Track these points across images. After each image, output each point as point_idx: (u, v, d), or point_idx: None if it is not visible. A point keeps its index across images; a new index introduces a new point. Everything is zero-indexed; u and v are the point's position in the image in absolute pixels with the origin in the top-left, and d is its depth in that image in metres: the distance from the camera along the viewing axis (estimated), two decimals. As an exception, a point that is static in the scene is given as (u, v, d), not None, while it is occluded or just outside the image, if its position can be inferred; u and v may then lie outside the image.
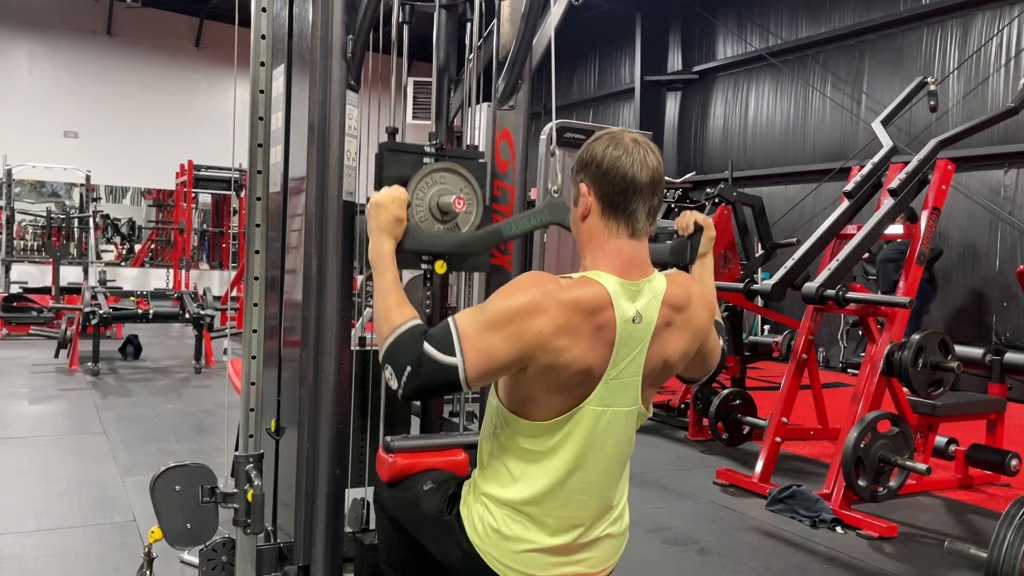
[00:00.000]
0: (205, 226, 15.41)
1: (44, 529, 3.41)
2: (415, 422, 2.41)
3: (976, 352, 4.60)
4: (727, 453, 5.18)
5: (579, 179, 1.62)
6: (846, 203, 4.55)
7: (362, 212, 2.04)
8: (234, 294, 11.00)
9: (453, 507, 1.68)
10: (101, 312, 6.97)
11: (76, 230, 12.81)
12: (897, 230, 4.71)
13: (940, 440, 4.49)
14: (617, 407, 1.58)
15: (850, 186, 4.56)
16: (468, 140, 2.39)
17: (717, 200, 5.98)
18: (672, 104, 12.73)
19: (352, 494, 2.29)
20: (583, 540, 1.63)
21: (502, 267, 2.34)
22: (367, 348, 2.35)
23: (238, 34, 2.17)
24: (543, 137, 5.01)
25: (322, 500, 2.09)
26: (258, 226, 2.04)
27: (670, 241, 1.97)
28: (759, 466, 4.37)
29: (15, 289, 9.77)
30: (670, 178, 8.97)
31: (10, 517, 3.53)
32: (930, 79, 4.97)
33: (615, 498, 1.68)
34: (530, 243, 2.41)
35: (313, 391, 2.07)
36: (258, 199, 2.03)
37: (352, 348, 2.25)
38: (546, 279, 1.53)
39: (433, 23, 2.32)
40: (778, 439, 4.42)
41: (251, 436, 2.05)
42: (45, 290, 9.76)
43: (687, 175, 10.50)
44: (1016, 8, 8.13)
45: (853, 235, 4.41)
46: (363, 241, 2.09)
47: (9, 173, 10.64)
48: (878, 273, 7.99)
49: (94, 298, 7.27)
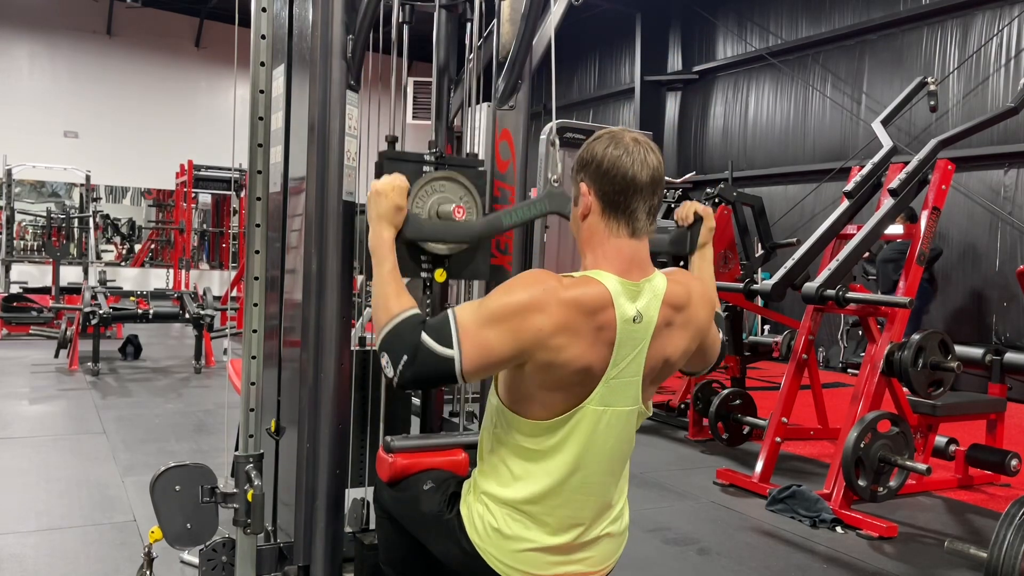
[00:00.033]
0: (205, 226, 15.41)
1: (44, 529, 3.41)
2: (415, 422, 2.41)
3: (976, 352, 4.60)
4: (727, 453, 5.18)
5: (579, 178, 1.62)
6: (846, 203, 4.55)
7: (362, 212, 2.04)
8: (234, 294, 11.00)
9: (453, 506, 1.68)
10: (101, 312, 6.97)
11: (76, 230, 12.81)
12: (897, 230, 4.71)
13: (940, 440, 4.49)
14: (618, 407, 1.57)
15: (850, 186, 4.56)
16: (468, 140, 2.39)
17: (717, 200, 5.98)
18: (672, 104, 12.73)
19: (352, 494, 2.29)
20: (583, 539, 1.63)
21: (502, 267, 2.34)
22: (367, 348, 2.35)
23: (238, 34, 2.17)
24: (543, 137, 5.01)
25: (322, 500, 2.08)
26: (258, 226, 2.04)
27: (669, 233, 1.97)
28: (759, 466, 4.37)
29: (15, 289, 9.77)
30: (670, 178, 8.97)
31: (10, 517, 3.53)
32: (930, 79, 4.97)
33: (615, 497, 1.68)
34: (530, 243, 2.41)
35: (313, 391, 2.07)
36: (258, 199, 2.03)
37: (352, 348, 2.25)
38: (547, 277, 1.53)
39: (433, 23, 2.32)
40: (778, 439, 4.42)
41: (251, 436, 2.05)
42: (45, 290, 9.76)
43: (687, 175, 10.50)
44: (1016, 8, 8.14)
45: (853, 235, 4.41)
46: (363, 241, 2.09)
47: (9, 173, 10.65)
48: (878, 273, 7.99)
49: (94, 298, 7.27)
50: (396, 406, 2.37)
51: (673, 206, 7.83)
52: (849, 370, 8.73)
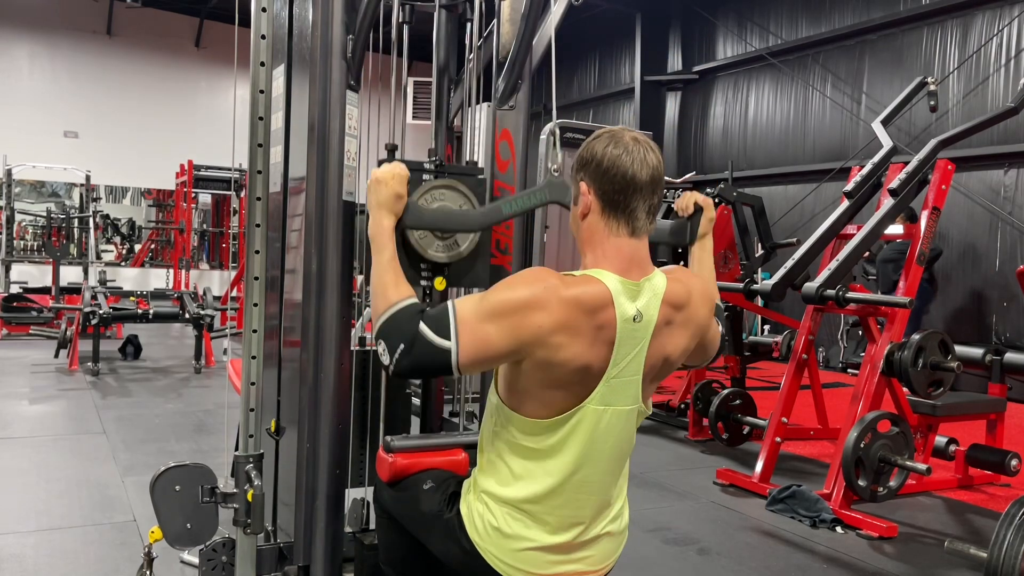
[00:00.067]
0: (205, 226, 15.41)
1: (44, 529, 3.41)
2: (415, 422, 2.41)
3: (976, 352, 4.60)
4: (727, 453, 5.18)
5: (579, 178, 1.62)
6: (846, 203, 4.55)
7: (362, 212, 2.04)
8: (234, 294, 11.01)
9: (453, 506, 1.68)
10: (101, 312, 6.97)
11: (76, 230, 12.81)
12: (897, 230, 4.71)
13: (940, 440, 4.49)
14: (618, 406, 1.58)
15: (850, 186, 4.56)
16: (468, 140, 2.39)
17: (717, 200, 5.97)
18: (672, 104, 12.73)
19: (352, 494, 2.29)
20: (583, 538, 1.63)
21: (502, 267, 2.34)
22: (367, 348, 2.35)
23: (238, 34, 2.17)
24: (543, 137, 5.01)
25: (322, 500, 2.09)
26: (258, 226, 2.04)
27: (669, 223, 1.97)
28: (759, 466, 4.37)
29: (15, 289, 9.77)
30: (670, 178, 8.96)
31: (10, 517, 3.53)
32: (930, 79, 4.97)
33: (614, 496, 1.68)
34: (530, 242, 2.41)
35: (313, 391, 2.07)
36: (258, 199, 2.03)
37: (352, 348, 2.26)
38: (549, 275, 1.53)
39: (433, 23, 2.32)
40: (778, 439, 4.42)
41: (251, 436, 2.05)
42: (45, 290, 9.76)
43: (687, 175, 10.49)
44: (1016, 8, 8.14)
45: (853, 235, 4.41)
46: (363, 241, 2.09)
47: (9, 173, 10.65)
48: (878, 273, 7.99)
49: (94, 298, 7.27)
50: (396, 406, 2.37)
51: (673, 206, 7.81)
52: (849, 370, 8.73)
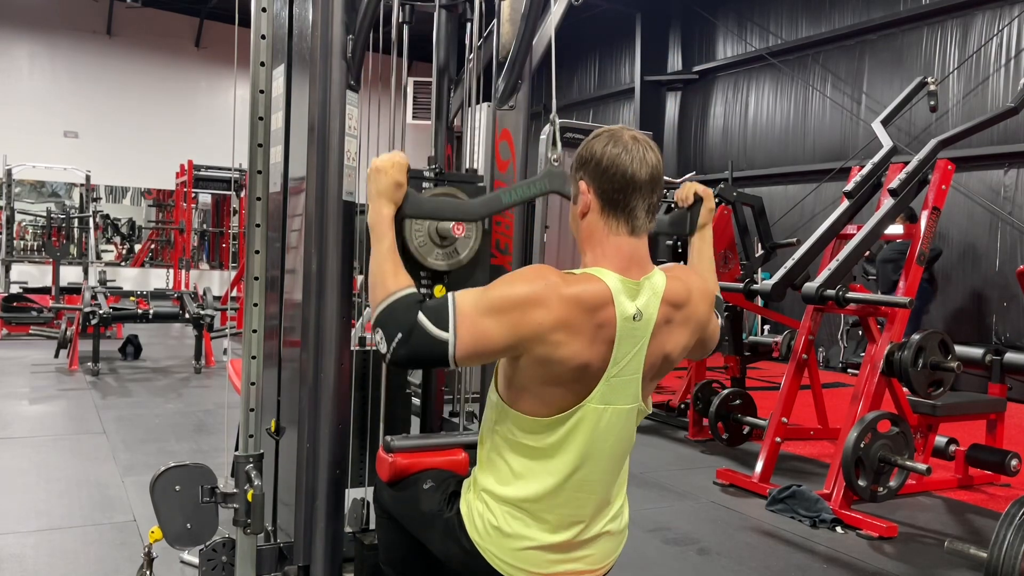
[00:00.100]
0: (205, 226, 15.41)
1: (44, 529, 3.41)
2: (415, 422, 2.41)
3: (976, 352, 4.60)
4: (727, 453, 5.18)
5: (578, 177, 1.63)
6: (846, 203, 4.55)
7: (362, 212, 2.03)
8: (234, 294, 11.00)
9: (453, 505, 1.68)
10: (101, 312, 6.97)
11: (76, 230, 12.81)
12: (897, 230, 4.71)
13: (940, 440, 4.49)
14: (618, 404, 1.58)
15: (850, 186, 4.56)
16: (468, 140, 2.39)
17: (717, 200, 5.97)
18: (672, 104, 12.73)
19: (352, 494, 2.29)
20: (583, 537, 1.63)
21: (502, 267, 2.34)
22: (367, 348, 2.35)
23: (238, 34, 2.17)
24: (543, 137, 5.01)
25: (322, 500, 2.09)
26: (258, 226, 2.04)
27: (668, 213, 1.97)
28: (759, 466, 4.37)
29: (15, 289, 9.76)
30: (670, 178, 8.96)
31: (10, 517, 3.53)
32: (930, 79, 4.97)
33: (614, 494, 1.68)
34: (530, 242, 2.41)
35: (313, 391, 2.07)
36: (258, 199, 2.03)
37: (352, 348, 2.26)
38: (550, 272, 1.53)
39: (433, 23, 2.32)
40: (778, 439, 4.42)
41: (251, 436, 2.05)
42: (45, 290, 9.76)
43: (687, 175, 10.49)
44: (1016, 8, 8.14)
45: (853, 235, 4.41)
46: (363, 241, 2.08)
47: (9, 173, 10.64)
48: (878, 273, 7.99)
49: (94, 298, 7.27)
50: (396, 406, 2.37)
51: (672, 205, 7.82)
52: (849, 370, 8.73)
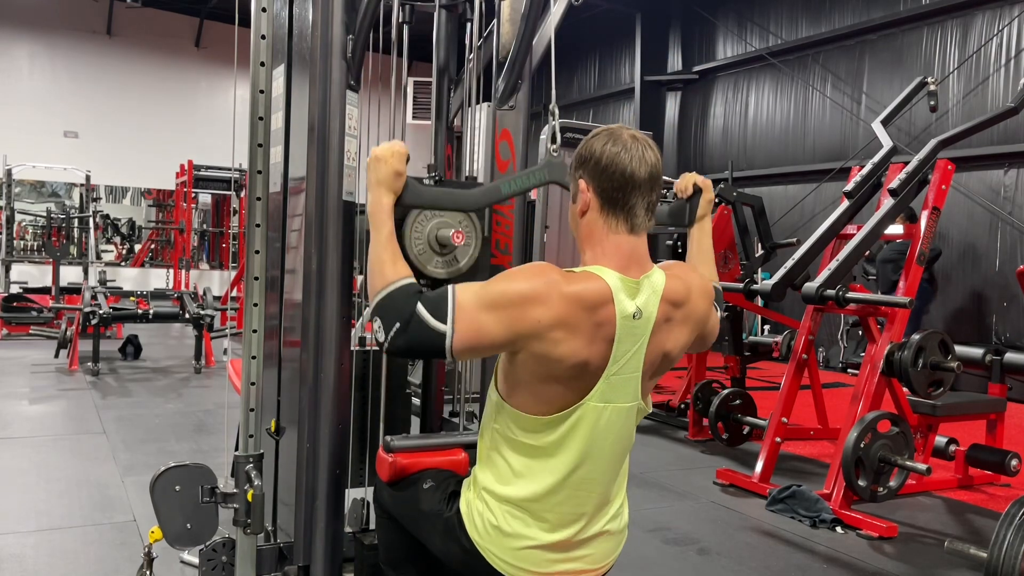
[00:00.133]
0: (205, 226, 15.41)
1: (44, 529, 3.41)
2: (415, 422, 2.41)
3: (976, 352, 4.60)
4: (727, 453, 5.18)
5: (578, 175, 1.63)
6: (846, 203, 4.55)
7: (362, 212, 2.03)
8: (234, 294, 11.00)
9: (453, 504, 1.68)
10: (101, 312, 6.97)
11: (76, 230, 12.80)
12: (897, 230, 4.71)
13: (940, 440, 4.49)
14: (618, 403, 1.58)
15: (850, 186, 4.56)
16: (468, 140, 2.39)
17: (717, 200, 5.98)
18: (672, 104, 12.73)
19: (352, 494, 2.29)
20: (582, 536, 1.63)
21: (502, 267, 2.34)
22: (367, 348, 2.35)
23: (238, 34, 2.17)
24: (543, 137, 5.02)
25: (322, 500, 2.09)
26: (258, 226, 2.04)
27: (668, 204, 1.97)
28: (759, 466, 4.37)
29: (15, 289, 9.76)
30: (670, 178, 8.97)
31: (10, 517, 3.53)
32: (930, 79, 4.97)
33: (613, 493, 1.68)
34: (530, 242, 2.41)
35: (313, 391, 2.07)
36: (258, 199, 2.03)
37: (352, 348, 2.26)
38: (550, 270, 1.53)
39: (433, 23, 2.32)
40: (778, 439, 4.42)
41: (251, 436, 2.05)
42: (45, 290, 9.76)
43: (687, 175, 10.49)
44: (1016, 8, 8.13)
45: (853, 235, 4.41)
46: (363, 241, 2.08)
47: (9, 173, 10.64)
48: (878, 273, 7.99)
49: (94, 298, 7.27)
50: (396, 406, 2.37)
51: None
52: (849, 370, 8.72)
